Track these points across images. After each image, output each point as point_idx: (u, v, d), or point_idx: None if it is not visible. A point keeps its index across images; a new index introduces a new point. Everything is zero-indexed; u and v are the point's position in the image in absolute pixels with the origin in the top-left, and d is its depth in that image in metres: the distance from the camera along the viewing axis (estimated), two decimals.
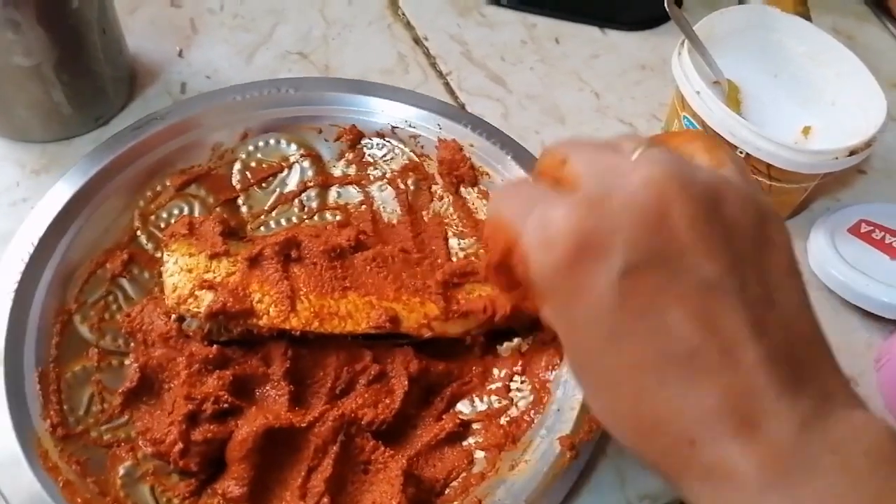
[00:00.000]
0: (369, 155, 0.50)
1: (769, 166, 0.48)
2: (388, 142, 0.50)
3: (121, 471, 0.39)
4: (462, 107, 0.56)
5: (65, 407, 0.40)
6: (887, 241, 0.50)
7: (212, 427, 0.38)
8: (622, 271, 0.26)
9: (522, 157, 0.49)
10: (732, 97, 0.53)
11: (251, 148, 0.49)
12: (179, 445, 0.37)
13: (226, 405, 0.38)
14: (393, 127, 0.50)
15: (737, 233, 0.27)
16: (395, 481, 0.38)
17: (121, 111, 0.53)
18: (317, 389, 0.41)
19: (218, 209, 0.47)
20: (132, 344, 0.42)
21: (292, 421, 0.38)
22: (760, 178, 0.50)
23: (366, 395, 0.40)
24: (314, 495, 0.38)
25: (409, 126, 0.50)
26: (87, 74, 0.50)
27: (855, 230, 0.51)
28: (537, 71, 0.60)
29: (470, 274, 0.44)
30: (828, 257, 0.49)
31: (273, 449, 0.38)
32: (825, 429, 0.26)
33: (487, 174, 0.48)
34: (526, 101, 0.57)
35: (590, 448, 0.40)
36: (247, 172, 0.49)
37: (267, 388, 0.40)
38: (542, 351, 0.43)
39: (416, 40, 0.60)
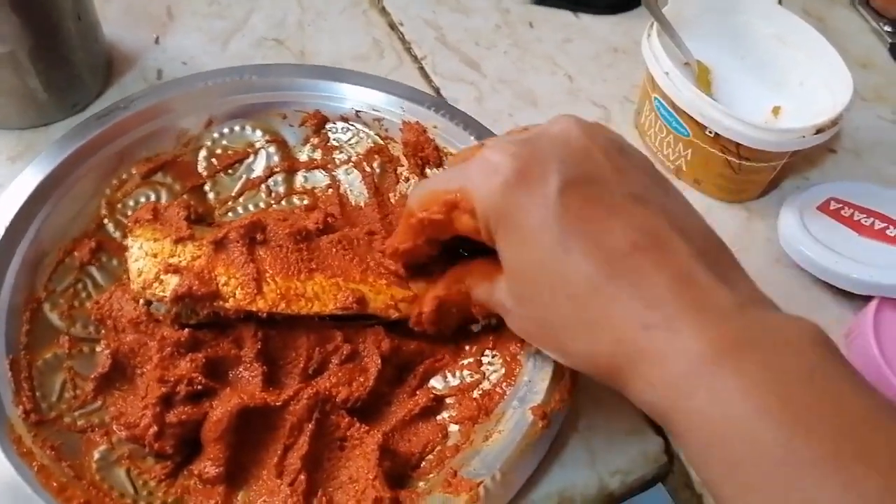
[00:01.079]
0: (334, 139, 0.51)
1: (738, 145, 0.49)
2: (353, 126, 0.50)
3: (96, 455, 0.39)
4: (437, 91, 0.57)
5: (37, 394, 0.40)
6: (856, 219, 0.51)
7: (186, 409, 0.38)
8: (561, 187, 0.30)
9: (486, 136, 0.49)
10: (703, 78, 0.54)
11: (216, 135, 0.49)
12: (154, 428, 0.38)
13: (199, 387, 0.38)
14: (357, 111, 0.50)
15: (639, 166, 0.33)
16: (371, 456, 0.38)
17: (97, 98, 0.53)
18: (290, 370, 0.41)
19: (185, 196, 0.47)
20: (103, 331, 0.42)
21: (267, 400, 0.39)
22: (730, 158, 0.50)
23: (339, 374, 0.41)
24: (291, 473, 0.38)
25: (373, 110, 0.50)
26: (63, 61, 0.50)
27: (824, 208, 0.52)
28: (511, 55, 0.60)
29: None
30: (798, 235, 0.50)
31: (248, 429, 0.39)
32: (763, 315, 0.28)
33: (452, 155, 0.49)
34: (500, 85, 0.58)
35: (561, 417, 0.41)
36: (213, 159, 0.49)
37: (240, 369, 0.40)
38: None
39: (392, 26, 0.60)
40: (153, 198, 0.47)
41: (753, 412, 0.25)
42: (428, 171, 0.49)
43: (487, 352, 0.43)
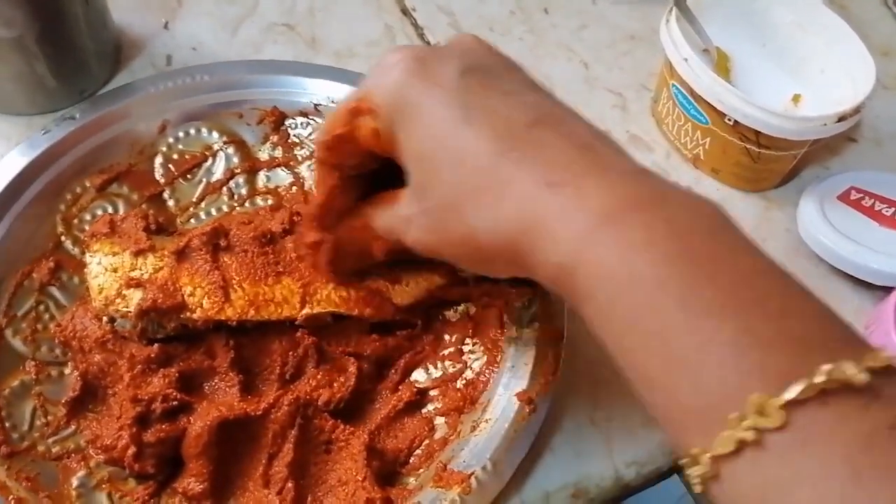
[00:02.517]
0: (294, 135, 0.49)
1: (758, 133, 0.48)
2: (313, 119, 0.49)
3: (74, 482, 0.38)
4: None
5: (7, 424, 0.38)
6: (877, 208, 0.50)
7: (163, 426, 0.37)
8: (461, 71, 0.31)
9: None
10: (721, 65, 0.53)
11: (171, 140, 0.48)
12: (132, 449, 0.36)
13: (175, 403, 0.37)
14: (315, 104, 0.49)
15: (520, 69, 0.35)
16: (358, 457, 0.38)
17: (106, 84, 0.52)
18: (266, 377, 0.40)
19: (143, 206, 0.46)
20: (69, 353, 0.41)
21: (246, 410, 0.38)
22: (749, 146, 0.49)
23: (318, 377, 0.40)
24: (278, 481, 0.37)
25: (332, 102, 0.49)
26: (71, 46, 0.49)
27: (844, 197, 0.51)
28: (526, 42, 0.59)
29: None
30: (817, 225, 0.49)
31: (230, 440, 0.38)
32: (663, 180, 0.29)
33: None
34: None
35: (548, 401, 0.40)
36: (169, 165, 0.48)
37: (215, 380, 0.39)
38: (490, 312, 0.42)
39: (404, 11, 0.60)
40: (110, 210, 0.46)
41: (659, 259, 0.26)
42: None
43: (468, 340, 0.43)
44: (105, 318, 0.39)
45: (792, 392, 0.22)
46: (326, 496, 0.38)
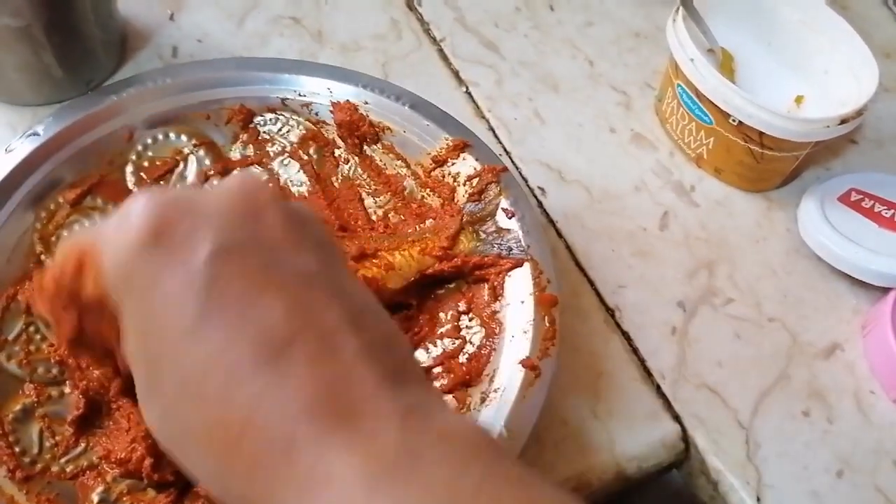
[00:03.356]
0: (264, 132, 0.49)
1: (761, 134, 0.49)
2: (281, 115, 0.49)
3: (95, 498, 0.37)
4: (456, 74, 0.56)
5: (16, 448, 0.38)
6: (876, 210, 0.51)
7: None
8: (212, 253, 0.24)
9: (420, 105, 0.48)
10: (726, 65, 0.53)
11: (140, 147, 0.47)
12: (149, 460, 0.36)
13: None
14: (283, 99, 0.49)
15: (319, 242, 0.27)
16: None
17: (112, 74, 0.52)
18: None
19: None
20: (66, 371, 0.40)
21: None
22: (753, 146, 0.50)
23: None
24: None
25: (300, 95, 0.49)
26: (78, 36, 0.49)
27: (845, 199, 0.51)
28: (531, 38, 0.59)
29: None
30: (817, 225, 0.50)
31: None
32: (427, 423, 0.24)
33: (389, 128, 0.48)
34: (519, 68, 0.57)
35: (552, 364, 0.40)
36: (141, 173, 0.47)
37: None
38: (483, 285, 0.43)
39: (410, 6, 0.60)
40: (87, 224, 0.45)
41: None
42: (366, 148, 0.48)
43: (463, 316, 0.43)
44: None
45: None
46: None
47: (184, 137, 0.48)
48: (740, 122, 0.49)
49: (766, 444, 0.44)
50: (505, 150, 0.53)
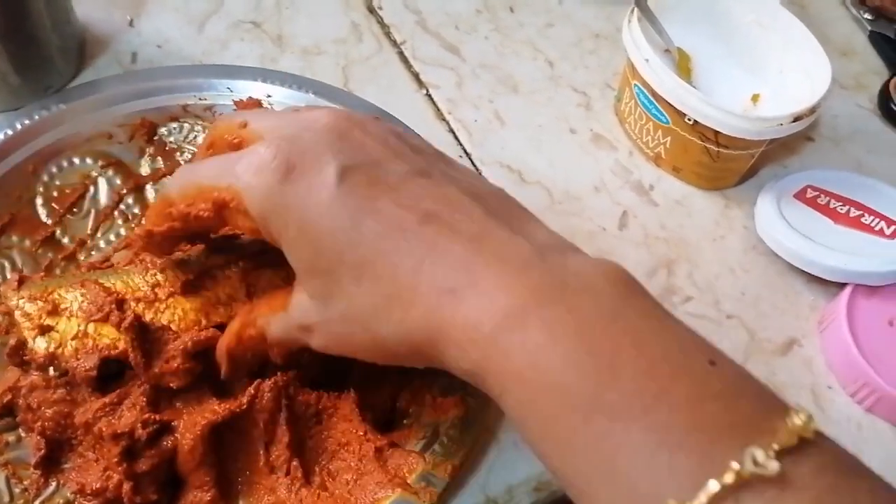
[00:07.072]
0: (171, 142, 0.48)
1: (717, 133, 0.49)
2: (185, 122, 0.49)
3: None
4: (417, 76, 0.56)
5: None
6: (832, 206, 0.51)
7: (152, 452, 0.36)
8: (339, 172, 0.29)
9: (324, 91, 0.48)
10: (683, 65, 0.54)
11: (46, 178, 0.46)
12: (129, 483, 0.36)
13: (156, 426, 0.36)
14: (183, 106, 0.48)
15: (418, 147, 0.33)
16: (352, 416, 0.38)
17: (71, 80, 0.52)
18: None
19: (39, 251, 0.44)
20: (18, 414, 0.39)
21: (231, 409, 0.37)
22: (709, 145, 0.50)
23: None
24: (282, 464, 0.37)
25: (200, 99, 0.48)
26: (34, 43, 0.49)
27: (801, 195, 0.52)
28: (492, 40, 0.60)
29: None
30: (774, 223, 0.50)
31: (222, 443, 0.37)
32: (563, 259, 0.28)
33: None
34: (480, 70, 0.57)
35: None
36: (52, 204, 0.46)
37: (186, 393, 0.38)
38: None
39: (370, 9, 0.60)
40: (7, 265, 0.44)
41: (561, 364, 0.25)
42: None
43: None
44: (50, 370, 0.37)
45: (703, 497, 0.22)
46: (332, 461, 0.38)
47: (89, 160, 0.47)
48: (696, 121, 0.49)
49: None
50: (465, 151, 0.53)
